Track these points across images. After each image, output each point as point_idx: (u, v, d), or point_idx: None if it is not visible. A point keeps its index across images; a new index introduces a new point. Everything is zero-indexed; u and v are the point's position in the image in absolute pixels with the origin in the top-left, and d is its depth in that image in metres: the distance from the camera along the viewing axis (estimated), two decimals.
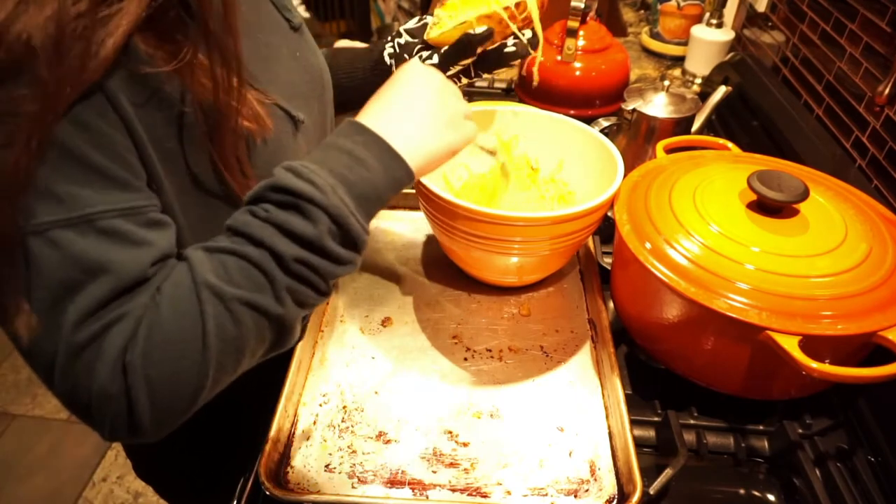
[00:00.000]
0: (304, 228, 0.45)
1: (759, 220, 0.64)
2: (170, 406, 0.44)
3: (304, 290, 0.47)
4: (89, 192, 0.41)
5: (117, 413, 0.42)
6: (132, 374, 0.42)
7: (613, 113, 1.03)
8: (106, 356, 0.41)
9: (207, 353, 0.43)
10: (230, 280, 0.44)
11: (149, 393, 0.42)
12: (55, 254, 0.40)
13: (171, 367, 0.43)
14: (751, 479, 0.64)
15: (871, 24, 0.87)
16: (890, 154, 0.81)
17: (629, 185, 0.74)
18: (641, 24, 1.67)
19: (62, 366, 0.42)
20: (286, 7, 0.65)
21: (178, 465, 0.78)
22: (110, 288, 0.42)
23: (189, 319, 0.43)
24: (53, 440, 1.78)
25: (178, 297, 0.43)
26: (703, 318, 0.61)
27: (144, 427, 0.43)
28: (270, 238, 0.44)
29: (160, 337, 0.42)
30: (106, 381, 0.41)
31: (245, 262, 0.44)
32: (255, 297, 0.44)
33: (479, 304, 0.81)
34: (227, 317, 0.44)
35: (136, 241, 0.44)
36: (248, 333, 0.45)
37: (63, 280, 0.41)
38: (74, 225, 0.41)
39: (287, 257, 0.45)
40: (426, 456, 0.62)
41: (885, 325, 0.55)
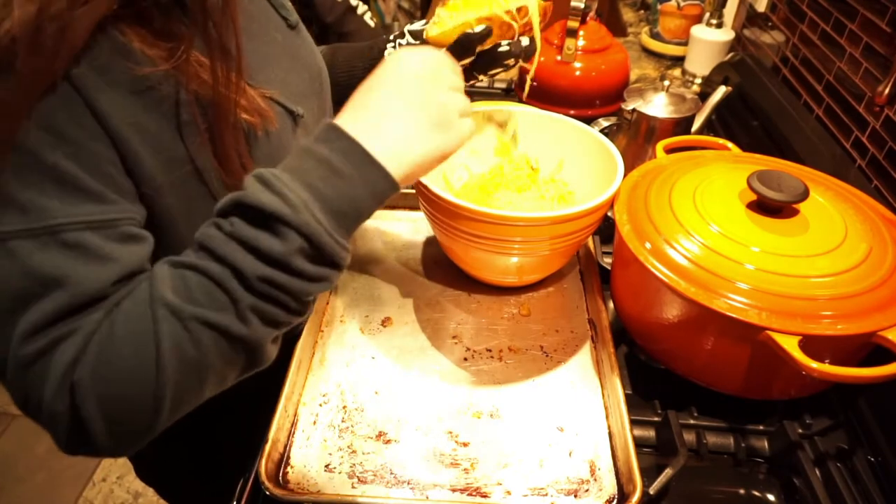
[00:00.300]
0: (270, 246, 0.41)
1: (759, 220, 0.64)
2: (126, 426, 0.42)
3: (272, 309, 0.43)
4: (57, 204, 0.40)
5: (69, 429, 0.41)
6: (81, 392, 0.40)
7: (613, 113, 1.03)
8: (53, 372, 0.40)
9: (162, 374, 0.41)
10: (189, 297, 0.41)
11: (101, 412, 0.41)
12: (11, 265, 0.40)
13: (123, 387, 0.41)
14: (751, 479, 0.64)
15: (871, 24, 0.87)
16: (890, 154, 0.81)
17: (629, 185, 0.74)
18: (641, 24, 1.67)
19: (11, 378, 0.41)
20: (283, 5, 0.65)
21: (179, 467, 0.78)
22: (64, 303, 0.41)
23: (142, 338, 0.41)
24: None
25: (133, 315, 0.42)
26: (703, 318, 0.61)
27: (101, 444, 0.42)
28: (233, 254, 0.41)
29: (111, 355, 0.41)
30: (52, 398, 0.40)
31: (206, 279, 0.41)
32: (216, 316, 0.41)
33: (479, 304, 0.81)
34: (184, 336, 0.41)
35: (101, 256, 0.42)
36: (209, 354, 0.42)
37: (17, 291, 0.40)
38: (37, 236, 0.40)
39: (250, 275, 0.41)
40: (426, 456, 0.62)
41: (885, 325, 0.55)
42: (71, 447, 0.43)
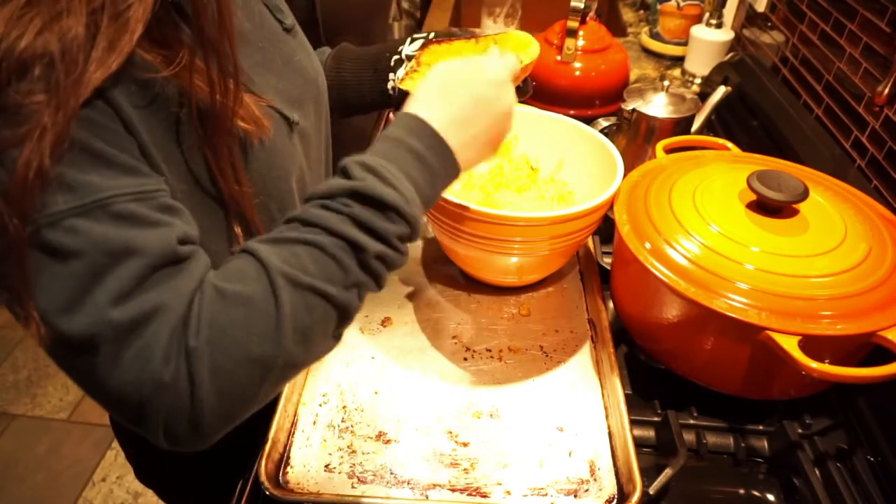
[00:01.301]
0: (386, 229, 0.45)
1: (759, 220, 0.64)
2: (235, 401, 0.41)
3: (371, 283, 0.46)
4: (98, 179, 0.40)
5: (175, 405, 0.40)
6: (196, 360, 0.39)
7: (613, 113, 1.03)
8: (157, 341, 0.39)
9: (281, 342, 0.41)
10: (303, 268, 0.43)
11: (214, 382, 0.40)
12: (75, 241, 0.39)
13: (240, 353, 0.40)
14: (751, 479, 0.64)
15: (870, 25, 0.87)
16: (889, 154, 0.81)
17: (629, 185, 0.74)
18: (641, 24, 1.67)
19: (106, 358, 0.39)
20: (278, 8, 0.65)
21: (179, 468, 0.78)
22: (140, 266, 0.40)
23: (262, 306, 0.41)
24: (53, 440, 1.78)
25: (247, 283, 0.42)
26: (703, 318, 0.61)
27: (205, 423, 0.40)
28: (352, 233, 0.44)
29: (227, 323, 0.41)
30: (159, 368, 0.39)
31: (319, 252, 0.44)
32: (328, 286, 0.43)
33: (478, 304, 0.81)
34: (301, 304, 0.42)
35: (153, 222, 0.42)
36: (317, 323, 0.44)
37: (88, 267, 0.39)
38: (88, 212, 0.39)
39: (370, 250, 0.44)
40: (426, 456, 0.62)
41: (885, 325, 0.55)
42: (171, 430, 0.41)
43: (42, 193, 0.38)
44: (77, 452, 1.75)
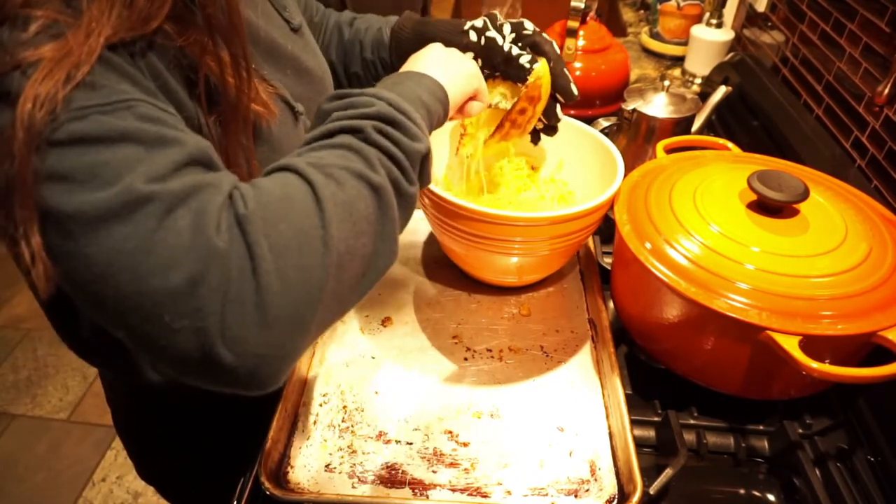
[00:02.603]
0: (369, 109, 0.47)
1: (759, 220, 0.64)
2: (300, 288, 0.38)
3: (393, 167, 0.46)
4: (121, 86, 0.39)
5: (237, 279, 0.36)
6: (251, 226, 0.37)
7: (613, 113, 1.03)
8: (207, 210, 0.37)
9: (324, 211, 0.40)
10: (322, 158, 0.43)
11: (274, 259, 0.37)
12: (101, 130, 0.36)
13: (291, 226, 0.39)
14: (751, 479, 0.64)
15: (870, 25, 0.87)
16: (889, 154, 0.81)
17: (629, 185, 0.74)
18: (641, 24, 1.67)
19: (145, 229, 0.35)
20: (285, 8, 0.65)
21: (180, 466, 0.78)
22: (177, 154, 0.38)
23: (294, 185, 0.41)
24: (53, 440, 1.78)
25: (276, 176, 0.42)
26: (703, 318, 0.61)
27: (273, 313, 0.37)
28: (345, 123, 0.46)
29: (269, 199, 0.39)
30: (212, 235, 0.36)
31: (330, 149, 0.44)
32: (351, 164, 0.44)
33: (479, 304, 0.81)
34: (329, 181, 0.42)
35: (183, 129, 0.41)
36: (355, 199, 0.42)
37: (117, 153, 0.36)
38: (114, 111, 0.37)
39: (366, 127, 0.45)
40: (426, 456, 0.62)
41: (885, 325, 0.55)
42: (237, 318, 0.36)
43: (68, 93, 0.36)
44: (77, 452, 1.75)
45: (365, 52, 0.79)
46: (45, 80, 0.35)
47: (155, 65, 0.44)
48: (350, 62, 0.81)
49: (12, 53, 0.36)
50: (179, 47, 0.45)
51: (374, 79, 0.81)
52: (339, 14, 0.83)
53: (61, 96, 0.36)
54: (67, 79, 0.36)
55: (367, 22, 0.81)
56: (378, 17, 0.81)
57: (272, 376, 0.39)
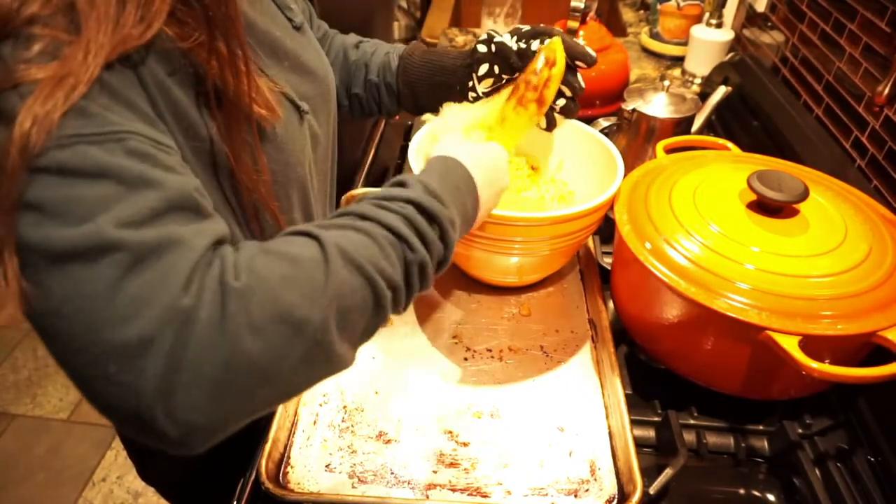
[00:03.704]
0: (433, 238, 0.47)
1: (759, 220, 0.64)
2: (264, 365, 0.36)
3: (403, 292, 0.46)
4: (116, 117, 0.38)
5: (200, 335, 0.34)
6: (237, 299, 0.35)
7: (613, 113, 1.03)
8: (175, 271, 0.35)
9: (323, 311, 0.38)
10: (356, 249, 0.42)
11: (248, 331, 0.35)
12: (84, 164, 0.35)
13: (278, 313, 0.37)
14: (751, 479, 0.64)
15: (870, 25, 0.87)
16: (889, 154, 0.81)
17: (629, 185, 0.74)
18: (641, 24, 1.67)
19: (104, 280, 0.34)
20: (287, 6, 0.66)
21: (180, 467, 0.78)
22: (157, 199, 0.37)
23: (311, 268, 0.39)
24: (53, 440, 1.78)
25: (294, 245, 0.40)
26: (703, 318, 0.61)
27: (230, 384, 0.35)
28: (405, 230, 0.45)
29: (271, 275, 0.37)
30: (177, 293, 0.34)
31: (371, 240, 0.43)
32: (375, 274, 0.42)
33: (479, 303, 0.81)
34: (348, 281, 0.40)
35: (171, 167, 0.39)
36: (355, 311, 0.41)
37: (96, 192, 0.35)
38: (102, 142, 0.36)
39: (417, 253, 0.46)
40: (426, 456, 0.62)
41: (885, 325, 0.55)
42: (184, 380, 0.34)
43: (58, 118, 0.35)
44: (77, 452, 1.75)
45: (370, 74, 0.79)
46: (43, 101, 0.35)
47: (157, 73, 0.44)
48: (353, 84, 0.81)
49: (13, 71, 0.35)
50: (182, 52, 0.45)
51: (375, 102, 0.81)
52: (345, 36, 0.83)
53: (57, 118, 0.35)
54: (64, 100, 0.35)
55: (374, 46, 0.82)
56: (385, 43, 0.82)
57: (202, 444, 0.37)
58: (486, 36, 0.72)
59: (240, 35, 0.48)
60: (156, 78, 0.43)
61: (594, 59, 0.69)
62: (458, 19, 1.89)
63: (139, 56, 0.42)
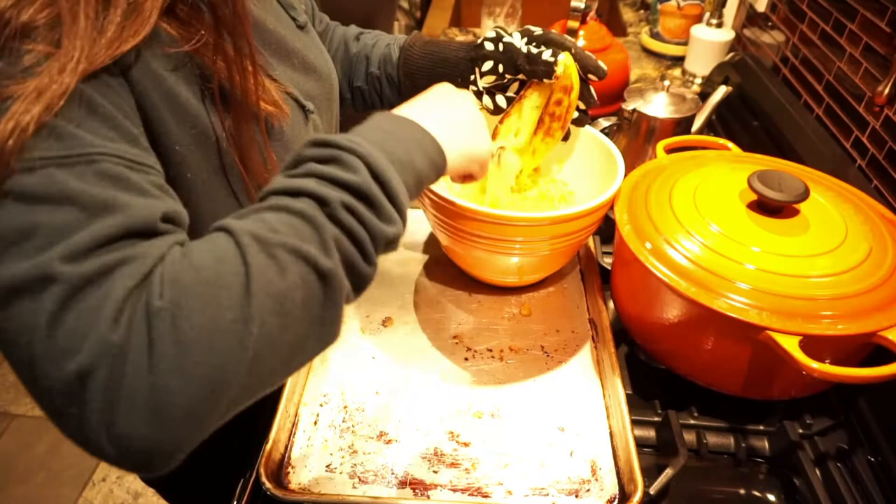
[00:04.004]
0: (347, 176, 0.42)
1: (760, 220, 0.64)
2: (204, 380, 0.35)
3: (351, 249, 0.42)
4: (91, 136, 0.37)
5: (129, 375, 0.33)
6: (160, 323, 0.34)
7: (613, 113, 1.03)
8: (108, 300, 0.34)
9: (250, 305, 0.36)
10: (272, 230, 0.39)
11: (177, 355, 0.34)
12: (48, 190, 0.35)
13: (208, 320, 0.35)
14: (751, 479, 0.64)
15: (870, 25, 0.87)
16: (890, 154, 0.81)
17: (629, 185, 0.74)
18: (641, 24, 1.67)
19: (41, 317, 0.33)
20: (291, 6, 0.66)
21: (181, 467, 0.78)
22: (115, 226, 0.36)
23: (228, 265, 0.37)
24: (53, 440, 1.78)
25: (213, 246, 0.38)
26: (704, 318, 0.61)
27: (169, 412, 0.34)
28: (314, 187, 0.41)
29: (192, 282, 0.36)
30: (106, 329, 0.33)
31: (287, 215, 0.40)
32: (301, 244, 0.39)
33: (479, 303, 0.81)
34: (270, 264, 0.38)
35: (143, 190, 0.39)
36: (294, 290, 0.38)
37: (55, 223, 0.35)
38: (72, 165, 0.36)
39: (334, 201, 0.41)
40: (427, 456, 0.62)
41: (885, 325, 0.55)
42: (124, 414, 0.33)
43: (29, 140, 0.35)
44: (77, 452, 1.71)
45: (371, 67, 0.79)
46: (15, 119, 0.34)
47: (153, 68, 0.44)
48: (354, 76, 0.81)
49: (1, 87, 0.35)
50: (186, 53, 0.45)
51: (377, 94, 0.81)
52: (346, 28, 0.83)
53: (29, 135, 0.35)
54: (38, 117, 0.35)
55: (375, 37, 0.81)
56: (386, 35, 0.82)
57: (161, 465, 0.37)
58: (494, 33, 0.72)
59: (248, 34, 0.48)
60: (151, 72, 0.43)
61: (605, 73, 0.71)
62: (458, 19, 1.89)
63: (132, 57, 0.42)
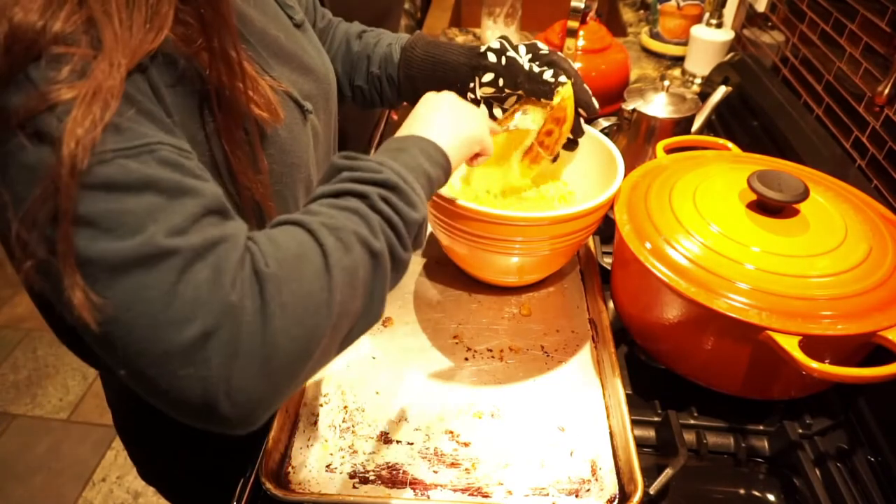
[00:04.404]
0: (376, 176, 0.48)
1: (759, 220, 0.64)
2: (300, 346, 0.41)
3: (391, 233, 0.48)
4: (143, 129, 0.40)
5: (248, 331, 0.38)
6: (271, 285, 0.39)
7: (613, 113, 1.03)
8: (226, 265, 0.38)
9: (331, 277, 0.42)
10: (332, 217, 0.45)
11: (284, 316, 0.39)
12: (128, 178, 0.38)
13: (303, 288, 0.41)
14: (751, 479, 0.64)
15: (870, 24, 0.87)
16: (890, 154, 0.81)
17: (629, 185, 0.74)
18: (641, 24, 1.67)
19: (163, 282, 0.37)
20: (288, 4, 0.66)
21: (181, 467, 0.78)
22: (196, 205, 0.40)
23: (307, 245, 0.43)
24: (53, 440, 1.78)
25: (288, 232, 0.44)
26: (703, 318, 0.61)
27: (276, 365, 0.39)
28: (353, 186, 0.47)
29: (285, 257, 0.41)
30: (227, 290, 0.38)
31: (337, 210, 0.46)
32: (358, 229, 0.45)
33: (479, 303, 0.81)
34: (339, 245, 0.44)
35: (199, 175, 0.42)
36: (358, 266, 0.45)
37: (144, 202, 0.38)
38: (137, 155, 0.38)
39: (372, 195, 0.47)
40: (427, 456, 0.62)
41: (885, 325, 0.55)
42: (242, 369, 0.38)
43: None
44: (77, 452, 1.75)
45: (372, 66, 0.79)
46: (81, 120, 0.36)
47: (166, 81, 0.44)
48: (355, 75, 0.81)
49: (46, 93, 0.36)
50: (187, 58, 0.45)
51: (377, 93, 0.81)
52: (348, 25, 0.83)
53: (98, 134, 0.37)
54: (101, 116, 0.37)
55: (377, 37, 0.81)
56: (389, 34, 0.82)
57: (259, 420, 0.41)
58: (498, 45, 0.72)
59: (233, 34, 0.48)
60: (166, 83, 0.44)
61: (596, 111, 0.73)
62: (458, 19, 1.89)
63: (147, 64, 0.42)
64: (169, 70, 0.45)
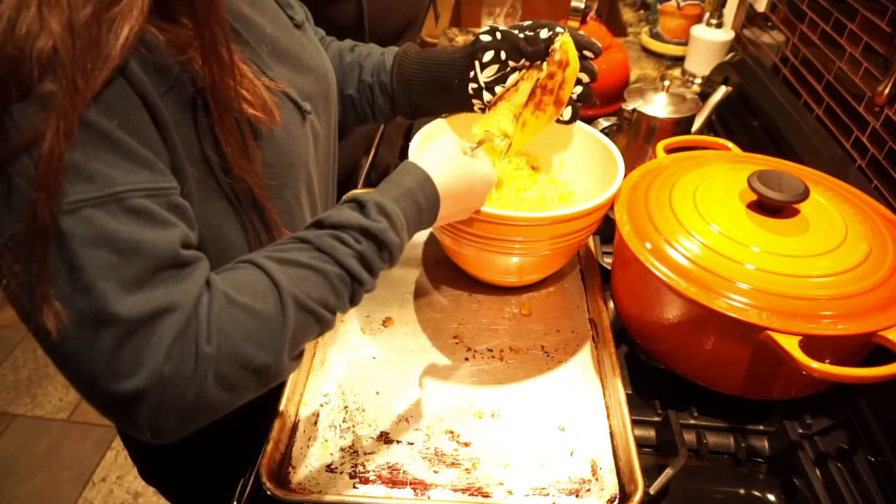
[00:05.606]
0: (380, 266, 0.53)
1: (760, 220, 0.64)
2: (225, 403, 0.45)
3: (348, 308, 0.52)
4: (116, 172, 0.41)
5: (174, 400, 0.42)
6: (206, 365, 0.42)
7: (613, 113, 1.03)
8: (161, 341, 0.41)
9: (281, 357, 0.46)
10: (309, 293, 0.48)
11: (216, 387, 0.43)
12: (89, 232, 0.40)
13: (243, 364, 0.44)
14: (751, 479, 0.64)
15: (870, 24, 0.87)
16: (890, 154, 0.81)
17: (629, 185, 0.74)
18: (641, 24, 1.67)
19: (106, 346, 0.40)
20: (288, 4, 0.66)
21: (183, 467, 0.78)
22: (144, 267, 0.42)
23: (272, 322, 0.46)
24: (53, 440, 1.78)
25: (257, 297, 0.46)
26: (704, 318, 0.61)
27: (196, 420, 0.44)
28: (356, 268, 0.50)
29: (237, 331, 0.44)
30: (160, 362, 0.41)
31: (324, 279, 0.49)
32: (324, 311, 0.49)
33: (479, 303, 0.81)
34: (302, 325, 0.47)
35: (163, 220, 0.44)
36: (307, 341, 0.49)
37: (98, 260, 0.40)
38: (104, 204, 0.41)
39: (365, 286, 0.52)
40: (427, 456, 0.62)
41: (885, 325, 0.56)
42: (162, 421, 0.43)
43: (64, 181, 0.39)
44: (77, 452, 1.75)
45: (364, 74, 0.79)
46: (47, 162, 0.38)
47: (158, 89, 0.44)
48: (346, 85, 0.80)
49: (24, 132, 0.38)
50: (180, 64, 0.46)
51: (369, 104, 0.80)
52: (340, 42, 0.83)
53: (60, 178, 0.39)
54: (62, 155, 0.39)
55: (369, 49, 0.81)
56: (379, 47, 0.82)
57: (178, 437, 0.45)
58: (487, 28, 0.72)
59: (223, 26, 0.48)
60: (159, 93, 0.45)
61: (600, 49, 0.72)
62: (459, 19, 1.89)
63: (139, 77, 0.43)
64: (162, 79, 0.45)
